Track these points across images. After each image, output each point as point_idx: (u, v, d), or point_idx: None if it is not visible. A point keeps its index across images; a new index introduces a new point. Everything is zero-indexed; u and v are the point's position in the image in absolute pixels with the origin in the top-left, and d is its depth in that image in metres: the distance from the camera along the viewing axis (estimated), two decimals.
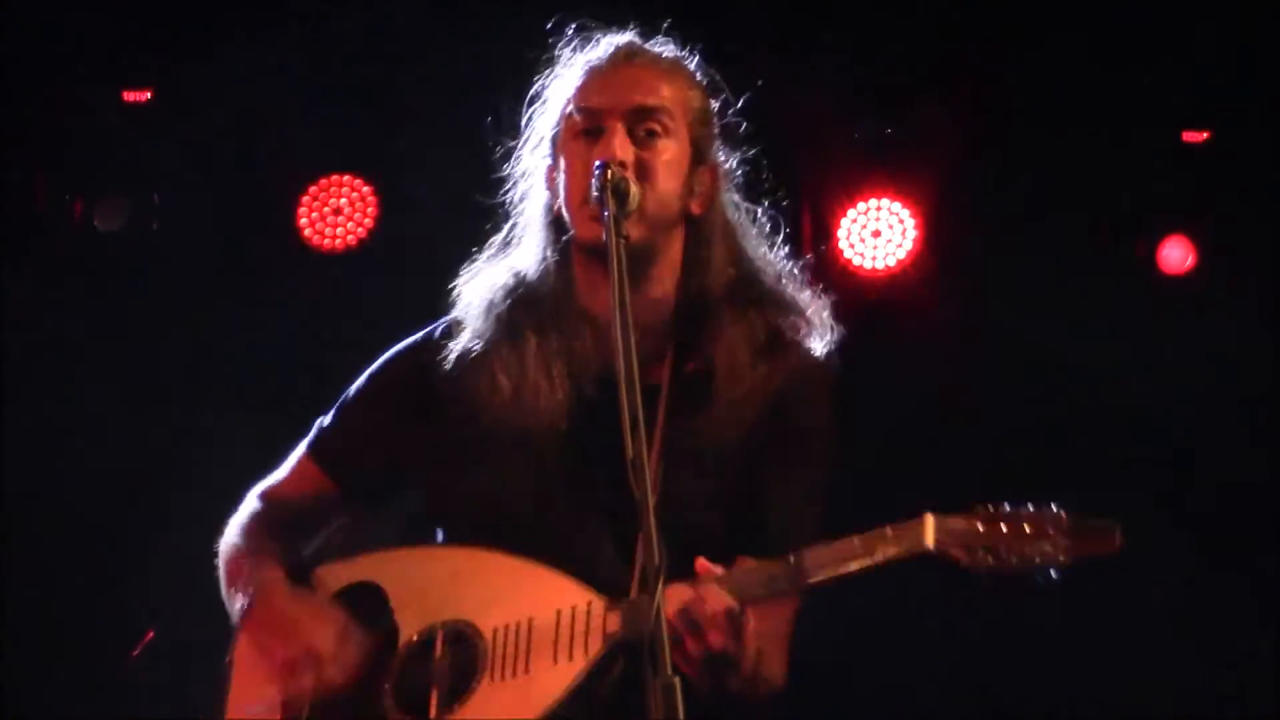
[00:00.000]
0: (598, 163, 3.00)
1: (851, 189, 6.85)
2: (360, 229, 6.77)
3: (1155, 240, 6.84)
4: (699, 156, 3.27)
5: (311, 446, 3.45)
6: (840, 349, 3.43)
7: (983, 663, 6.68)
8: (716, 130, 3.34)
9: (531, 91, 3.38)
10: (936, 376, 6.62)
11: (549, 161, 3.31)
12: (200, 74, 6.52)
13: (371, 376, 3.42)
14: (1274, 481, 6.71)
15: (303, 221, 6.77)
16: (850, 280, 6.78)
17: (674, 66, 3.29)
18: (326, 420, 3.44)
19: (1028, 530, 2.90)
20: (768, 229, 3.42)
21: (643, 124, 3.19)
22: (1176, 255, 6.83)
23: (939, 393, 6.59)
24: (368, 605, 3.19)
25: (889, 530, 2.95)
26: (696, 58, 3.36)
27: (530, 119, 3.36)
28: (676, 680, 2.60)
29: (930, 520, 2.93)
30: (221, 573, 3.44)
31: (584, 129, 3.20)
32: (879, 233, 6.84)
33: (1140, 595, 6.41)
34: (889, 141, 6.86)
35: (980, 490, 6.63)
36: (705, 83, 3.34)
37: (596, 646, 3.00)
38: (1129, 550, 2.95)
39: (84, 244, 6.71)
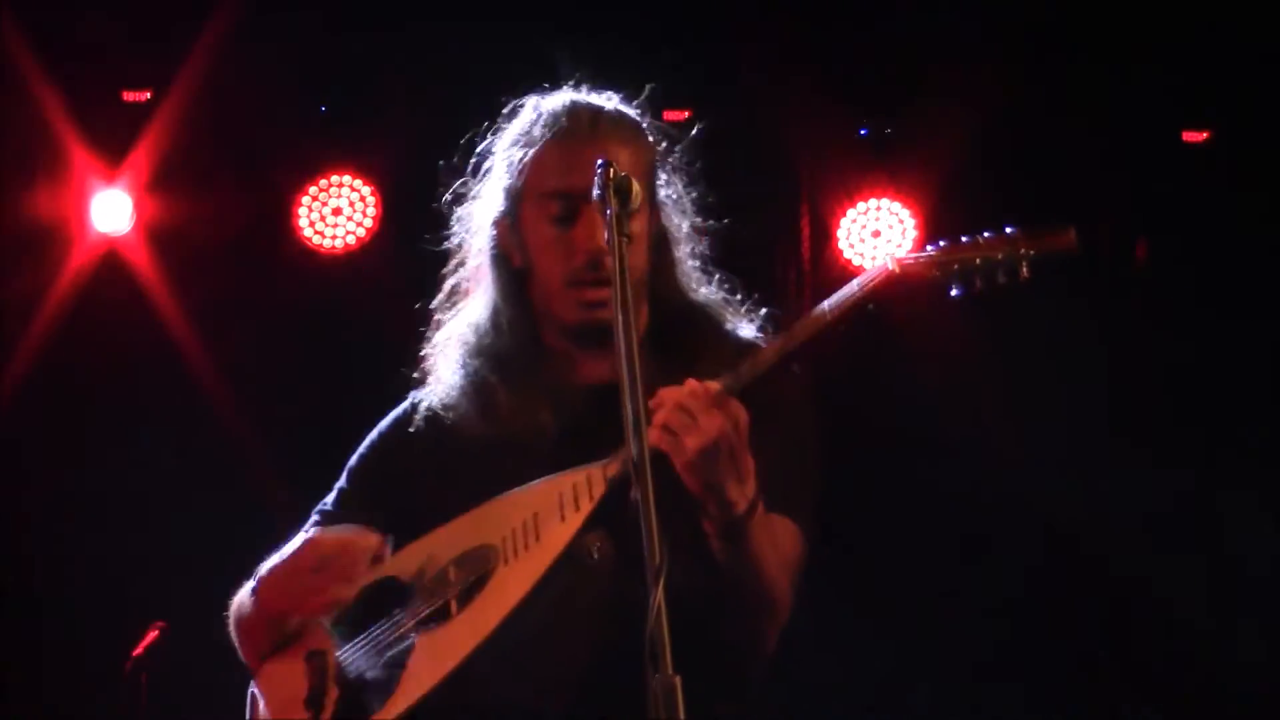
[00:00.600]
0: (600, 161, 2.99)
1: (851, 189, 6.85)
2: (360, 229, 6.78)
3: (1155, 240, 6.86)
4: (653, 208, 3.30)
5: (317, 526, 3.40)
6: (841, 348, 3.44)
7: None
8: (664, 179, 3.35)
9: (486, 138, 3.38)
10: (936, 376, 6.62)
11: (503, 218, 3.30)
12: (200, 74, 6.53)
13: (363, 455, 3.42)
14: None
15: (302, 222, 6.78)
16: (850, 280, 6.78)
17: (632, 128, 3.29)
18: (329, 502, 3.42)
19: (986, 243, 3.10)
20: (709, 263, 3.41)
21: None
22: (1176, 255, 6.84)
23: (939, 392, 6.59)
24: (381, 594, 3.20)
25: (856, 280, 3.09)
26: (640, 108, 3.35)
27: (481, 168, 3.37)
28: (677, 680, 2.59)
29: (892, 255, 3.11)
30: (238, 636, 3.37)
31: (558, 215, 3.21)
32: (879, 233, 6.84)
33: None
34: (889, 141, 6.87)
35: (980, 490, 6.69)
36: (647, 125, 3.34)
37: (600, 489, 3.06)
38: None
39: (84, 244, 6.71)
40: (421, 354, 3.41)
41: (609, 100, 3.32)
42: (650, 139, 3.32)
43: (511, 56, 6.15)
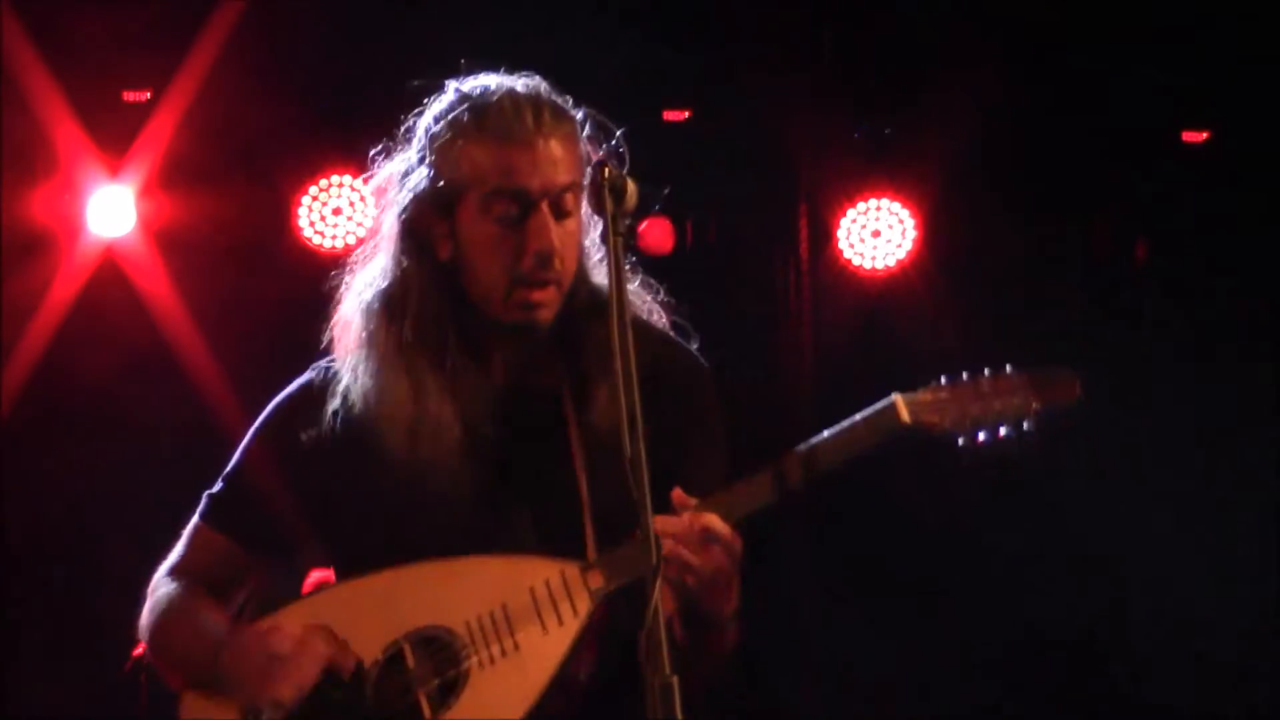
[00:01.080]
0: (595, 161, 2.98)
1: (851, 189, 6.85)
2: (360, 229, 6.78)
3: (1155, 240, 6.86)
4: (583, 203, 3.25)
5: (205, 515, 3.35)
6: (841, 348, 3.45)
7: None
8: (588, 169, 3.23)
9: (423, 115, 3.32)
10: (935, 376, 6.61)
11: (437, 213, 3.21)
12: (200, 74, 6.53)
13: (257, 432, 3.35)
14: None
15: (302, 222, 6.77)
16: (850, 280, 6.79)
17: (569, 122, 3.22)
18: (217, 487, 3.36)
19: (991, 388, 3.03)
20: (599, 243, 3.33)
21: (559, 203, 3.15)
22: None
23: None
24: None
25: (860, 417, 3.00)
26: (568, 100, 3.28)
27: (416, 147, 3.28)
28: (675, 680, 2.59)
29: (899, 398, 3.01)
30: (154, 649, 3.29)
31: (507, 214, 3.14)
32: (879, 233, 6.84)
33: None
34: (889, 141, 6.86)
35: (982, 493, 6.68)
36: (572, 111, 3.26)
37: (585, 605, 2.97)
38: None
39: (84, 245, 6.71)
40: (327, 331, 3.34)
41: (535, 88, 3.23)
42: (578, 128, 3.24)
43: (510, 56, 6.16)
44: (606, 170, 2.92)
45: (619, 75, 6.51)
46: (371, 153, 3.36)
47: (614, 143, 3.26)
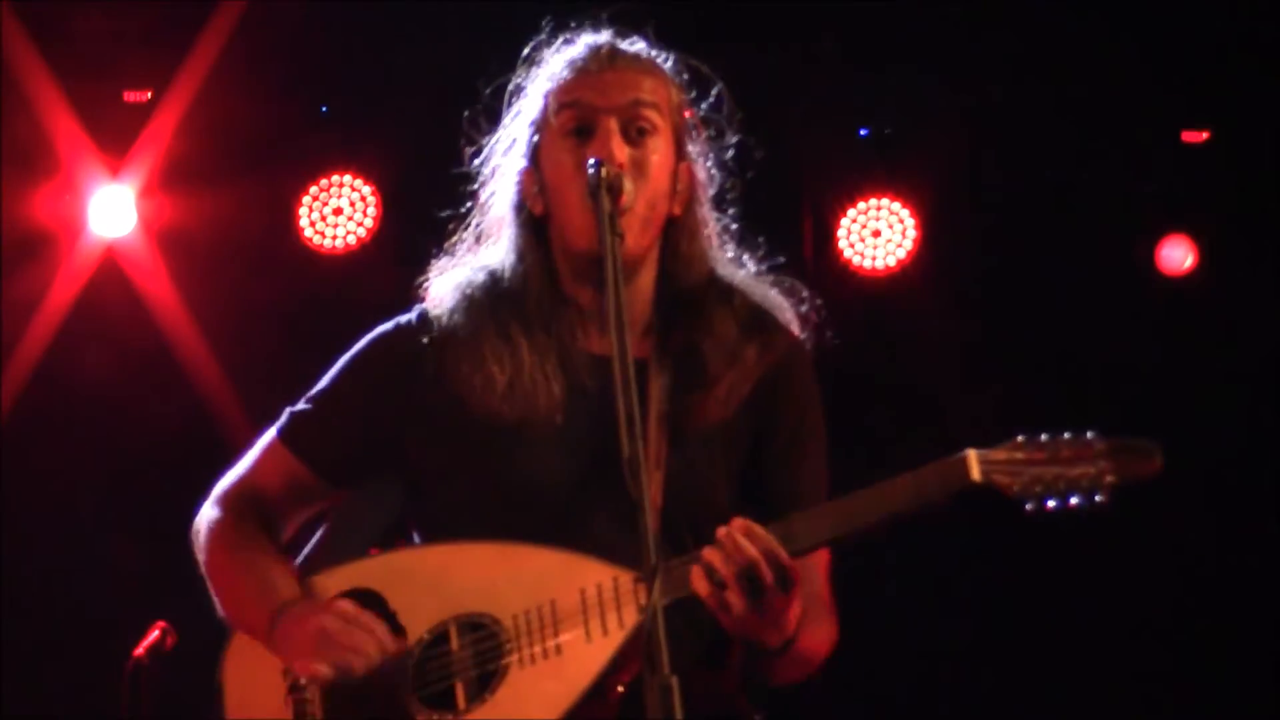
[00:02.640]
0: (591, 161, 2.97)
1: (851, 189, 6.85)
2: (361, 229, 6.78)
3: (1155, 240, 6.86)
4: (680, 154, 3.20)
5: (283, 432, 3.31)
6: (842, 349, 3.44)
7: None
8: (693, 130, 3.25)
9: (510, 87, 3.29)
10: (935, 376, 6.62)
11: (524, 164, 3.22)
12: (200, 74, 6.53)
13: (349, 361, 3.31)
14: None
15: (303, 222, 6.77)
16: (850, 280, 6.79)
17: (654, 64, 3.21)
18: (299, 405, 3.33)
19: (1069, 454, 2.88)
20: (734, 230, 3.34)
21: (635, 122, 3.12)
22: (1177, 255, 6.83)
23: (938, 393, 6.59)
24: (365, 607, 3.09)
25: (930, 466, 2.89)
26: (672, 58, 3.27)
27: (503, 117, 3.28)
28: (674, 680, 2.59)
29: (973, 454, 2.88)
30: (211, 580, 3.27)
31: (574, 128, 3.13)
32: (879, 233, 6.84)
33: None
34: (889, 141, 6.86)
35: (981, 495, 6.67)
36: (684, 80, 3.27)
37: (632, 618, 2.91)
38: None
39: (84, 245, 6.72)
40: (425, 280, 3.31)
41: (634, 44, 3.24)
42: (676, 83, 3.22)
43: (510, 55, 6.15)
44: (605, 169, 2.91)
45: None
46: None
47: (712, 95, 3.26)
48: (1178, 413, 6.64)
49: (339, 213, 6.79)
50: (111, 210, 6.64)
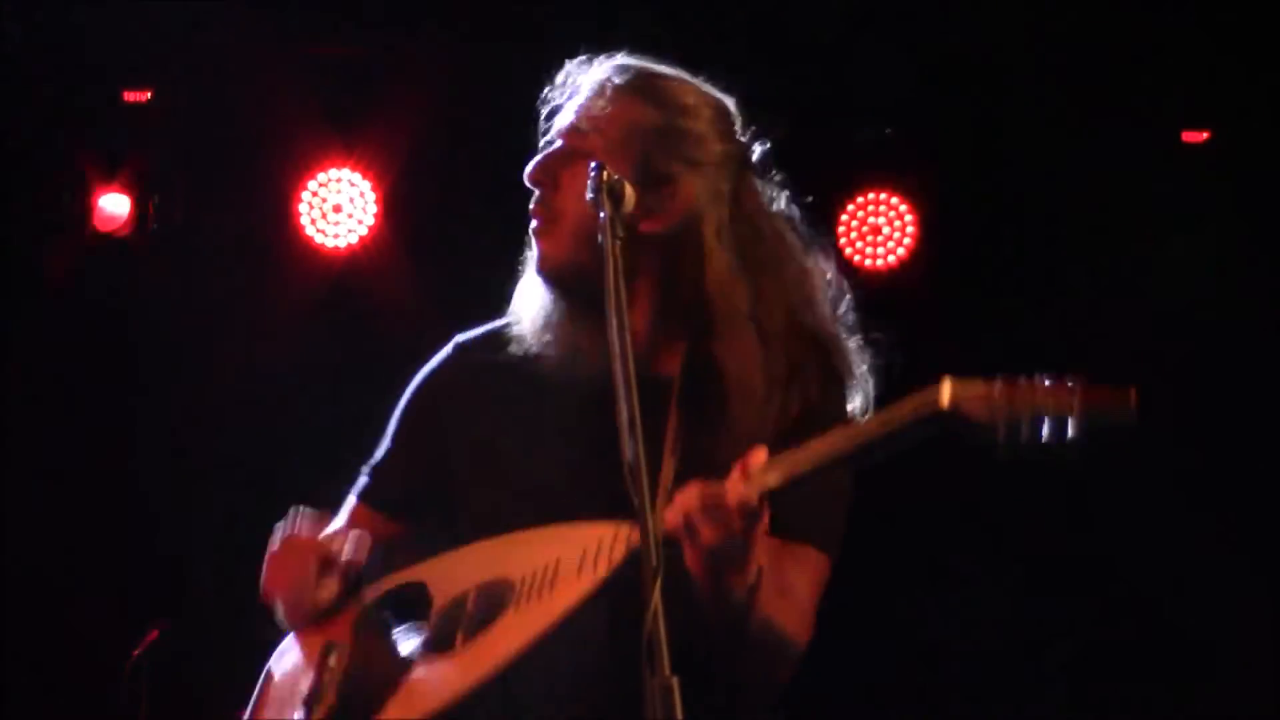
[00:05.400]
0: (593, 165, 2.98)
1: (850, 189, 6.86)
2: (362, 226, 6.78)
3: (1148, 240, 6.87)
4: (648, 177, 3.19)
5: (365, 494, 3.42)
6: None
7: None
8: (692, 149, 3.24)
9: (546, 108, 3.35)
10: (934, 375, 6.62)
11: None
12: (200, 73, 6.54)
13: (407, 405, 3.41)
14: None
15: (304, 220, 6.78)
16: (848, 279, 6.78)
17: (633, 87, 3.23)
18: (377, 460, 3.43)
19: (1043, 390, 2.88)
20: (820, 266, 3.37)
21: (565, 137, 3.22)
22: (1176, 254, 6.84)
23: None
24: (411, 598, 3.20)
25: (906, 398, 2.91)
26: (696, 81, 3.29)
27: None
28: (675, 680, 2.59)
29: (947, 382, 2.90)
30: None
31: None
32: (879, 230, 6.84)
33: None
34: (889, 141, 6.87)
35: (983, 493, 6.68)
36: (690, 104, 3.26)
37: (620, 553, 2.98)
38: None
39: (86, 246, 6.73)
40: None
41: (632, 62, 3.27)
42: (668, 104, 3.23)
43: (509, 54, 6.16)
44: (605, 173, 2.92)
45: None
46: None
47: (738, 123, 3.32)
48: (1178, 413, 6.65)
49: (339, 210, 6.79)
50: (111, 210, 6.64)
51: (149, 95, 6.66)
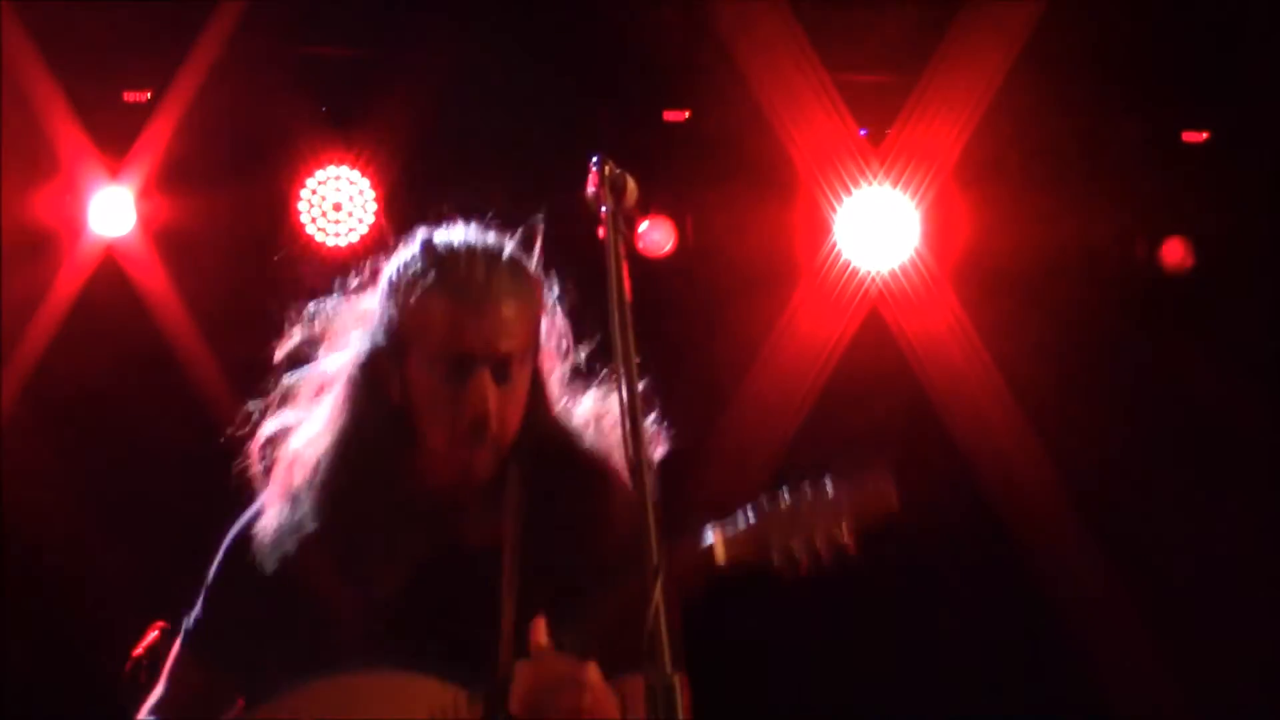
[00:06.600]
0: (595, 158, 2.99)
1: (851, 189, 6.85)
2: (362, 225, 6.77)
3: (1155, 240, 6.86)
4: (534, 356, 3.33)
5: (188, 643, 3.48)
6: (837, 348, 3.46)
7: None
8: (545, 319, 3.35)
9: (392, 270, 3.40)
10: (935, 376, 6.62)
11: (389, 355, 3.32)
12: (200, 74, 6.53)
13: (220, 563, 3.46)
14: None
15: (304, 219, 6.77)
16: (850, 279, 6.79)
17: (528, 288, 3.31)
18: (196, 612, 3.47)
19: (809, 511, 2.96)
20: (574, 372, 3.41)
21: (502, 367, 3.24)
22: (1177, 255, 6.84)
23: (937, 393, 6.60)
24: None
25: (679, 555, 2.99)
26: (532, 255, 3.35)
27: (379, 289, 3.40)
28: (676, 680, 2.59)
29: (716, 536, 3.00)
30: None
31: (449, 370, 3.23)
32: (878, 229, 6.83)
33: None
34: (888, 141, 6.86)
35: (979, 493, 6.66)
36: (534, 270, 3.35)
37: None
38: None
39: (84, 245, 6.71)
40: (247, 460, 3.46)
41: (499, 246, 3.32)
42: (538, 290, 3.32)
43: (508, 53, 6.16)
44: (608, 167, 2.92)
45: (620, 77, 6.53)
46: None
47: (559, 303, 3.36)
48: (1177, 412, 6.65)
49: (339, 208, 6.79)
50: (111, 210, 6.64)
51: (149, 95, 6.65)
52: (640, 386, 2.74)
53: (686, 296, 6.69)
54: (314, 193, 6.78)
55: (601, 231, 2.88)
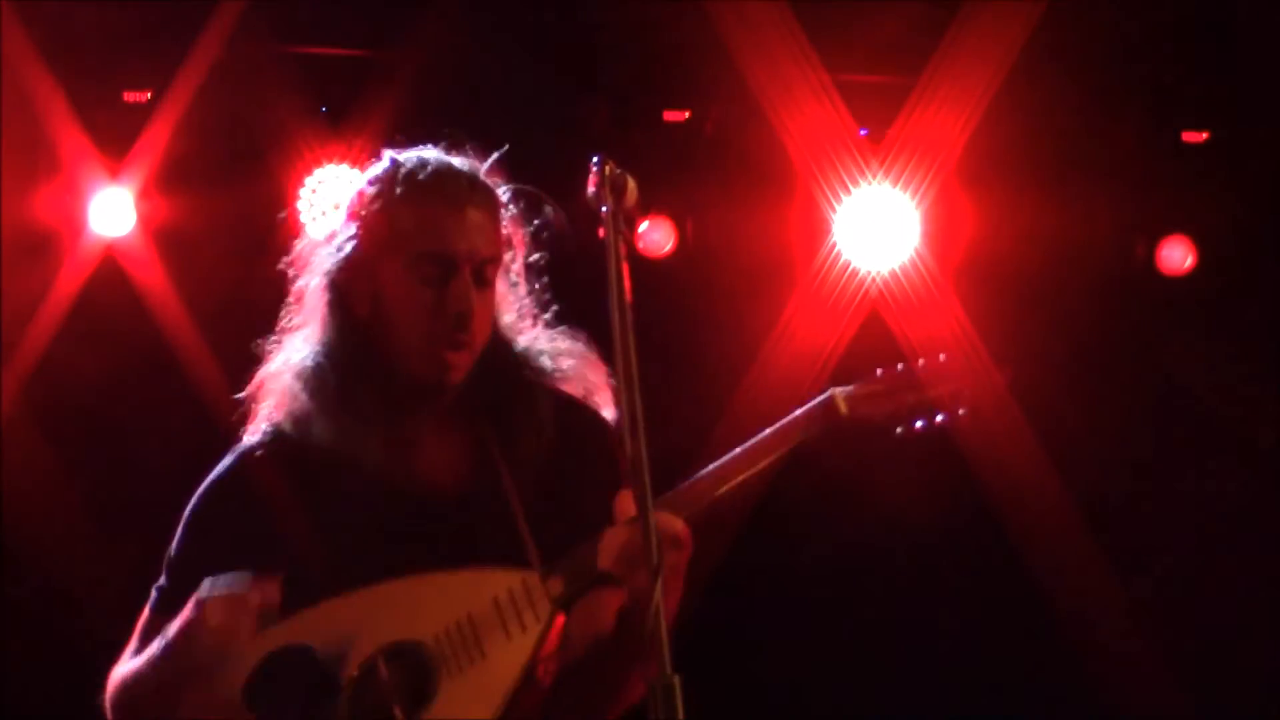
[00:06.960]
0: (595, 158, 3.00)
1: (851, 188, 6.85)
2: None
3: (1155, 240, 6.86)
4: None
5: (157, 608, 3.49)
6: (837, 348, 3.49)
7: None
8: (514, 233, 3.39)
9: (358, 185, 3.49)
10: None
11: (358, 271, 3.36)
12: (200, 74, 6.53)
13: (189, 522, 3.48)
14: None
15: (304, 219, 6.78)
16: (850, 280, 6.79)
17: (495, 202, 3.35)
18: (163, 580, 3.49)
19: (925, 376, 3.13)
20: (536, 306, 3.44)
21: (481, 272, 3.27)
22: (1177, 255, 6.84)
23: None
24: (296, 664, 3.15)
25: (800, 413, 3.15)
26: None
27: (344, 211, 3.51)
28: (676, 680, 2.59)
29: (838, 393, 3.16)
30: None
31: (429, 272, 3.26)
32: (878, 230, 6.83)
33: None
34: (889, 141, 6.86)
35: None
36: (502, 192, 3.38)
37: (546, 609, 3.09)
38: None
39: (84, 245, 6.72)
40: (246, 395, 3.45)
41: (469, 165, 3.38)
42: (505, 210, 3.36)
43: (507, 53, 6.16)
44: (608, 167, 2.93)
45: (619, 76, 6.53)
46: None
47: (544, 218, 3.40)
48: (1177, 412, 6.65)
49: (339, 207, 6.77)
50: (111, 210, 6.64)
51: (149, 95, 6.65)
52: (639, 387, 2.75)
53: (686, 296, 6.69)
54: (314, 192, 6.78)
55: (601, 231, 2.88)
